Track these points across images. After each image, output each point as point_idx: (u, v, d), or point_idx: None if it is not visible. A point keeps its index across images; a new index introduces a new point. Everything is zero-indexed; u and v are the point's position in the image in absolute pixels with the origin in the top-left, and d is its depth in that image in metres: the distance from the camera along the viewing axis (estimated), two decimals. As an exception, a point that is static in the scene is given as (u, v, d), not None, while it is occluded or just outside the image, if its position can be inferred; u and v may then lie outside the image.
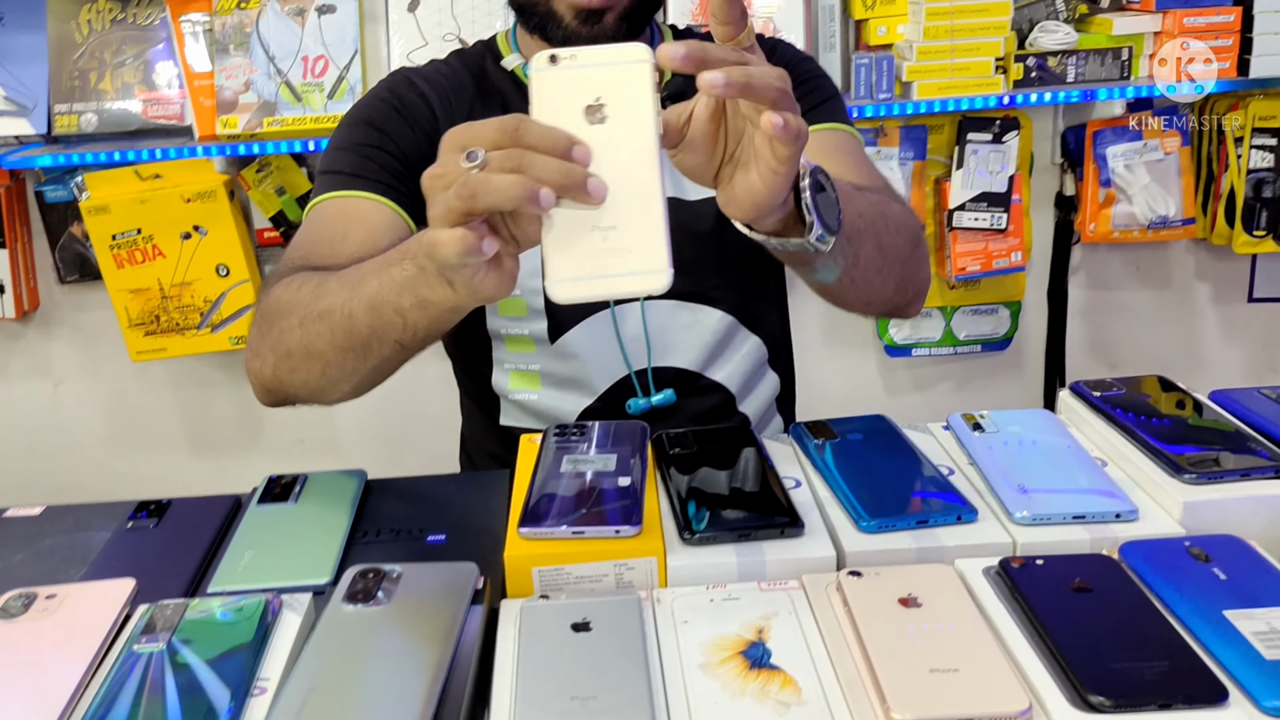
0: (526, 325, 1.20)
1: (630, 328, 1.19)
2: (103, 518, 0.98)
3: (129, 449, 2.30)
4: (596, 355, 1.19)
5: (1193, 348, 2.36)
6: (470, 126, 0.70)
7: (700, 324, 1.21)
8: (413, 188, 1.06)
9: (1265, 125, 2.03)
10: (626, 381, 1.21)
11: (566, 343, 1.20)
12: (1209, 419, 0.97)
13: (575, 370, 1.21)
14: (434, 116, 1.15)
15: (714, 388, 1.24)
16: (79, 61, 1.97)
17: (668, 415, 1.21)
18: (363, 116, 1.16)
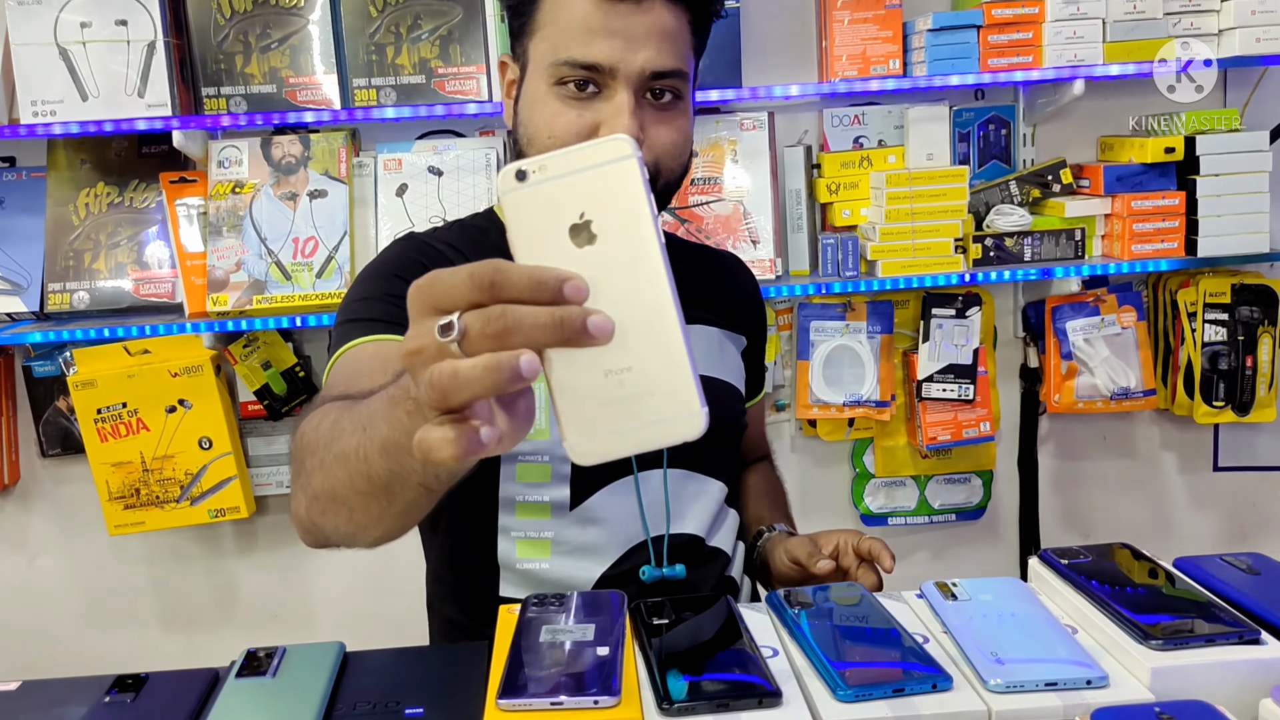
0: (547, 492, 1.18)
1: (650, 494, 1.21)
2: (80, 693, 0.97)
3: (103, 624, 2.27)
4: (617, 521, 1.20)
5: (1162, 516, 2.39)
6: (440, 280, 0.60)
7: (705, 494, 1.26)
8: None
9: (1216, 301, 2.12)
10: (639, 549, 1.21)
11: (587, 509, 1.19)
12: (1174, 586, 0.99)
13: (592, 537, 1.19)
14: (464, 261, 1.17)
15: (715, 554, 1.27)
16: (74, 242, 2.04)
17: (675, 588, 1.21)
18: (390, 270, 1.18)
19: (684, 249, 1.41)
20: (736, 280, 1.41)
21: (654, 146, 1.13)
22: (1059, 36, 1.94)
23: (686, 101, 1.16)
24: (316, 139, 2.01)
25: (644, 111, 1.12)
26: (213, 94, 1.94)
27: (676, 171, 1.18)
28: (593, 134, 1.11)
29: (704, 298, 1.31)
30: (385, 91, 1.95)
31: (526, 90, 1.16)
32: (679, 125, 1.15)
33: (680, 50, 1.12)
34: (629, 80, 1.10)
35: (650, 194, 0.59)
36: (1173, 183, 2.05)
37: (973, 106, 2.14)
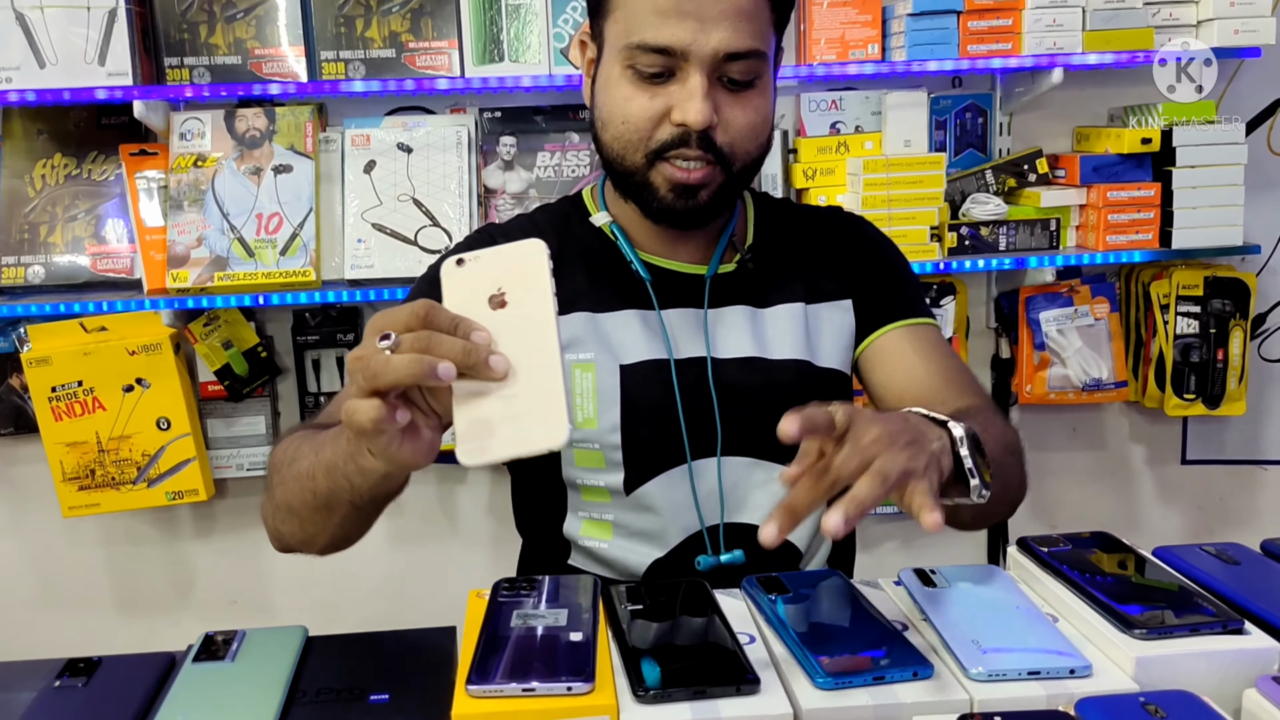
0: (603, 477, 1.20)
1: (706, 483, 1.19)
2: (28, 676, 0.94)
3: (56, 608, 2.22)
4: (672, 509, 1.19)
5: (1130, 509, 2.40)
6: (389, 312, 0.80)
7: (774, 481, 1.21)
8: None
9: (1188, 293, 2.12)
10: (698, 537, 1.20)
11: (642, 495, 1.20)
12: (1155, 575, 0.98)
13: (649, 523, 1.21)
14: None
15: (783, 545, 1.22)
16: (30, 215, 1.98)
17: (737, 573, 1.17)
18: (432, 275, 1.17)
19: (785, 220, 1.31)
20: (834, 238, 1.30)
21: (728, 129, 1.11)
22: (1039, 24, 1.93)
23: (766, 80, 1.14)
24: (282, 112, 1.96)
25: (718, 94, 1.10)
26: (175, 64, 1.89)
27: (753, 154, 1.15)
28: (664, 118, 1.11)
29: (796, 273, 1.25)
30: (354, 65, 1.90)
31: (602, 72, 1.15)
32: (755, 106, 1.13)
33: (757, 29, 1.10)
34: (702, 63, 1.08)
35: (552, 279, 0.79)
36: (1148, 174, 2.05)
37: (950, 94, 2.13)
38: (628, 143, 1.13)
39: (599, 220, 1.24)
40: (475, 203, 1.97)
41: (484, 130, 2.02)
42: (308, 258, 1.91)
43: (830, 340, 1.25)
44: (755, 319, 1.22)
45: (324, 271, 1.95)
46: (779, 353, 1.21)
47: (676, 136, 1.11)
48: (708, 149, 1.11)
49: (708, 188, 1.13)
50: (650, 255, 1.23)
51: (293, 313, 2.09)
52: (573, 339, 1.19)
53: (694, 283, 1.22)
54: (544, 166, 2.01)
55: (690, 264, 1.23)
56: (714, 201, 1.15)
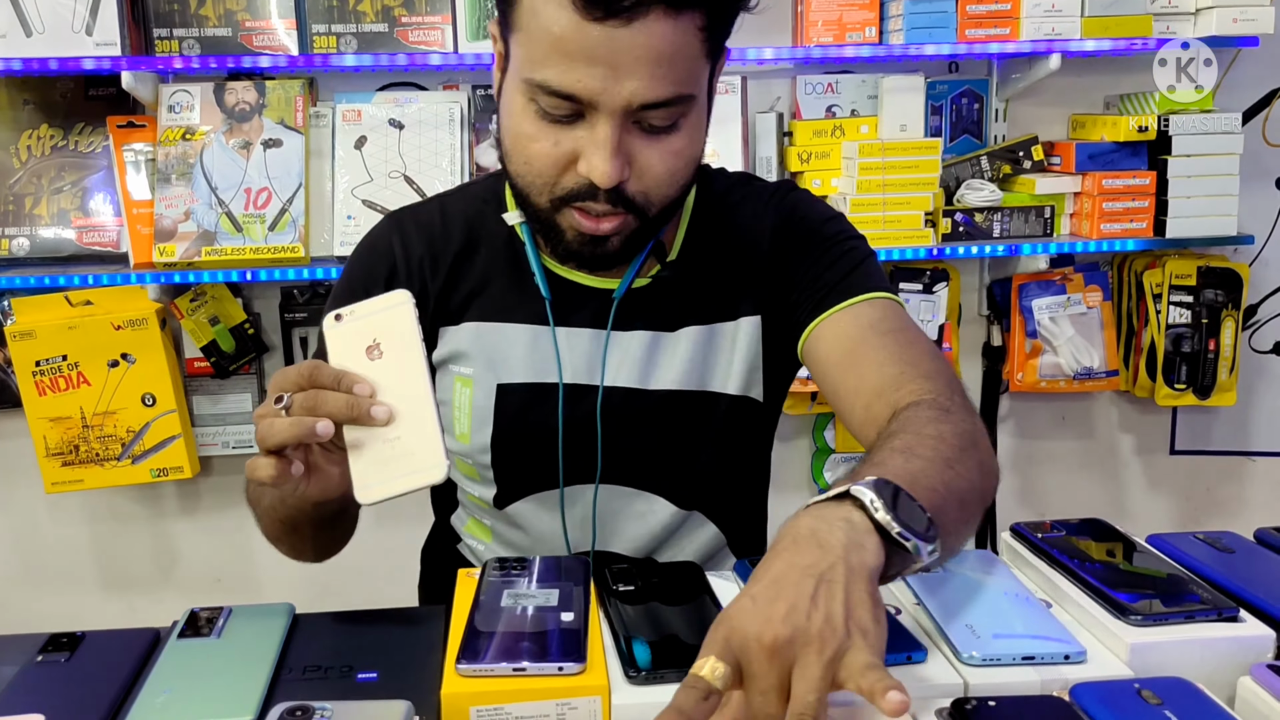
0: (477, 488, 1.18)
1: (580, 509, 1.15)
2: (10, 650, 0.92)
3: (38, 585, 2.20)
4: (540, 531, 1.16)
5: (1118, 498, 2.40)
6: (283, 372, 0.87)
7: (653, 514, 1.15)
8: None
9: (1181, 283, 2.12)
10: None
11: (513, 513, 1.16)
12: (1149, 563, 0.98)
13: (520, 539, 1.18)
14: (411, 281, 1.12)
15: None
16: (15, 186, 1.95)
17: None
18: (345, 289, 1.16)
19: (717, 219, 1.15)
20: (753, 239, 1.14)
21: (643, 178, 0.98)
22: (1037, 9, 1.92)
23: (693, 118, 0.99)
24: (272, 86, 1.94)
25: (632, 140, 0.96)
26: (165, 35, 1.86)
27: (673, 196, 1.01)
28: (570, 165, 0.97)
29: (710, 287, 1.13)
30: (346, 39, 1.88)
31: (507, 88, 1.00)
32: (676, 150, 0.98)
33: (682, 72, 0.94)
34: (613, 114, 0.93)
35: (418, 326, 0.87)
36: (1144, 162, 2.05)
37: (946, 79, 2.12)
38: (531, 184, 1.00)
39: (511, 219, 1.11)
40: (467, 180, 1.95)
41: (477, 107, 2.00)
42: (297, 233, 1.89)
43: (738, 363, 1.13)
44: (655, 344, 1.11)
45: (313, 248, 1.93)
46: (674, 383, 1.11)
47: (583, 188, 0.97)
48: (618, 202, 0.98)
49: (619, 235, 1.01)
50: (558, 266, 1.11)
51: (280, 289, 2.07)
52: (457, 352, 1.12)
53: (601, 300, 1.11)
54: (537, 145, 1.99)
55: (600, 279, 1.11)
56: (625, 247, 1.03)
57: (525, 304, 1.11)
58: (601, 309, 1.10)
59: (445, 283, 1.13)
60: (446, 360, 1.13)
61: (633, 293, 1.10)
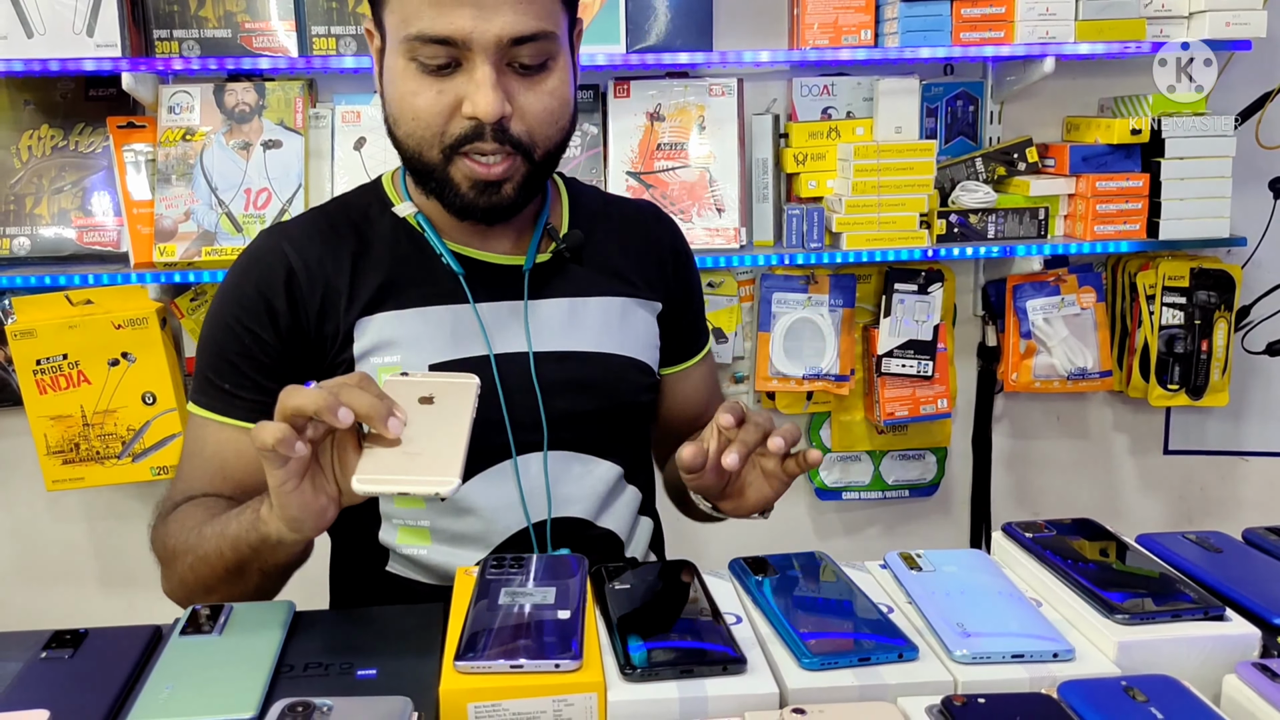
0: None
1: (530, 479, 1.16)
2: (13, 647, 0.93)
3: (38, 582, 2.21)
4: (493, 509, 1.15)
5: (1111, 497, 2.41)
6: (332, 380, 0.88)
7: (592, 475, 1.19)
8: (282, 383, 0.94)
9: (1174, 284, 2.14)
10: (523, 534, 1.17)
11: (461, 498, 1.15)
12: (1138, 562, 0.99)
13: (469, 526, 1.16)
14: (314, 280, 1.13)
15: (605, 535, 1.22)
16: (15, 186, 1.96)
17: None
18: (231, 317, 1.14)
19: (598, 210, 1.28)
20: (650, 239, 1.28)
21: (525, 117, 1.05)
22: (1031, 13, 1.93)
23: (561, 61, 1.08)
24: (272, 87, 1.95)
25: (509, 81, 1.04)
26: (165, 36, 1.87)
27: (555, 138, 1.10)
28: (455, 111, 1.04)
29: (610, 265, 1.23)
30: (345, 41, 1.89)
31: (387, 64, 1.08)
32: (551, 89, 1.07)
33: (543, 8, 1.03)
34: (486, 51, 1.01)
35: (474, 410, 0.90)
36: (1137, 164, 2.06)
37: (941, 81, 2.13)
38: (421, 139, 1.06)
39: (403, 211, 1.16)
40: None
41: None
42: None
43: (641, 335, 1.24)
44: (573, 310, 1.19)
45: (312, 248, 1.94)
46: (596, 345, 1.19)
47: (471, 130, 1.04)
48: (504, 140, 1.05)
49: (511, 180, 1.08)
50: (460, 246, 1.16)
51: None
52: (379, 342, 1.13)
53: (510, 274, 1.17)
54: (535, 146, 2.00)
55: (504, 255, 1.17)
56: (519, 194, 1.10)
57: (437, 286, 1.15)
58: (513, 282, 1.17)
59: (350, 278, 1.14)
60: (368, 352, 1.13)
61: (538, 267, 1.18)
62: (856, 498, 2.29)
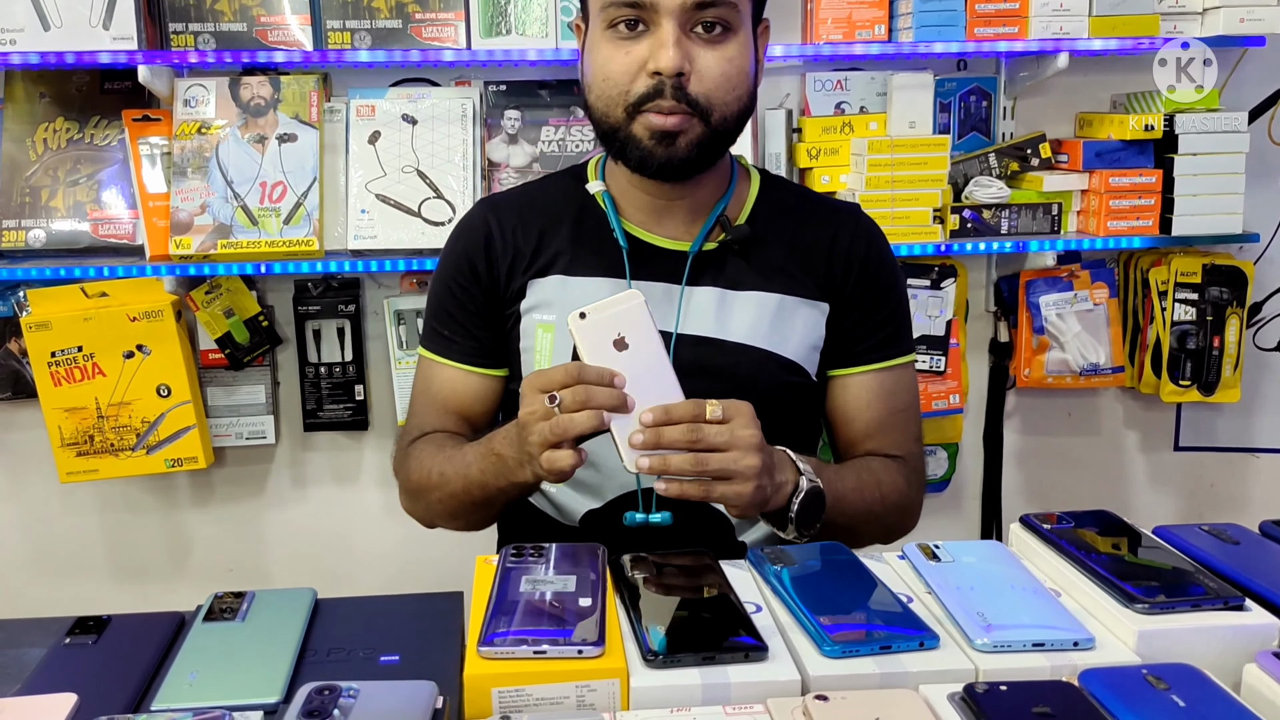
0: None
1: None
2: (37, 633, 0.94)
3: (51, 574, 2.22)
4: (611, 466, 1.21)
5: (1122, 493, 2.41)
6: (544, 373, 1.04)
7: None
8: (484, 325, 1.31)
9: (1187, 280, 2.13)
10: (634, 495, 1.23)
11: (589, 449, 1.19)
12: (1156, 553, 0.99)
13: (590, 476, 1.26)
14: (504, 256, 1.30)
15: (716, 516, 1.26)
16: (31, 178, 1.97)
17: (662, 534, 1.19)
18: (446, 277, 1.33)
19: (788, 206, 1.32)
20: (830, 241, 1.30)
21: (703, 79, 1.15)
22: (1045, 8, 1.93)
23: (740, 34, 1.18)
24: (287, 81, 1.96)
25: (691, 44, 1.15)
26: (180, 29, 1.88)
27: (731, 105, 1.18)
28: (640, 71, 1.15)
29: (776, 261, 1.27)
30: (360, 35, 1.89)
31: (589, 42, 1.21)
32: (729, 56, 1.16)
33: None
34: (670, 13, 1.13)
35: (653, 319, 1.03)
36: (1150, 161, 2.06)
37: (955, 76, 2.13)
38: (609, 99, 1.18)
39: (593, 188, 1.29)
40: (479, 176, 1.97)
41: (488, 103, 2.02)
42: (311, 227, 1.91)
43: (799, 334, 1.27)
44: (723, 301, 1.25)
45: (327, 241, 1.95)
46: (739, 337, 1.25)
47: (652, 87, 1.15)
48: (682, 99, 1.15)
49: (686, 135, 1.16)
50: (635, 227, 1.27)
51: (294, 282, 2.09)
52: (542, 301, 1.27)
53: (674, 258, 1.26)
54: (548, 141, 2.01)
55: (673, 239, 1.27)
56: (695, 154, 1.18)
57: (604, 260, 1.27)
58: (675, 267, 1.26)
59: (535, 245, 1.29)
60: (532, 309, 1.27)
61: (702, 254, 1.26)
62: (867, 493, 2.29)
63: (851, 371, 1.31)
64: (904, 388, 1.33)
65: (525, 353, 1.28)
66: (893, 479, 1.26)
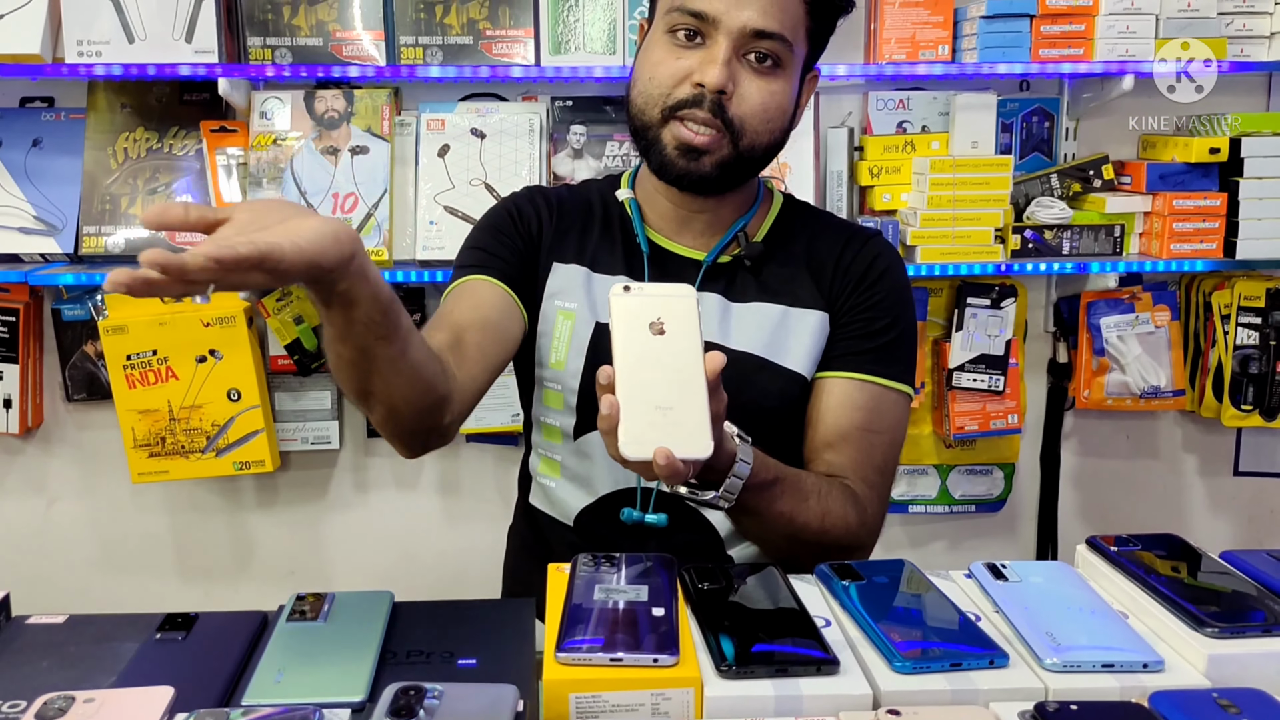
0: (559, 418, 1.30)
1: None
2: (127, 628, 0.97)
3: (118, 572, 2.27)
4: (608, 460, 1.21)
5: (1180, 518, 2.39)
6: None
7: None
8: (516, 270, 1.28)
9: (1250, 304, 2.12)
10: (630, 492, 1.26)
11: (585, 443, 1.28)
12: (1223, 577, 1.00)
13: (586, 469, 1.29)
14: (540, 224, 1.32)
15: (706, 526, 1.28)
16: (111, 186, 2.03)
17: (653, 536, 1.24)
18: (490, 222, 1.33)
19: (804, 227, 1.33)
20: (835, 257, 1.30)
21: (742, 102, 1.17)
22: (1111, 30, 1.93)
23: (788, 72, 1.20)
24: (360, 95, 2.00)
25: (740, 68, 1.17)
26: (258, 44, 1.93)
27: (762, 135, 1.20)
28: (685, 79, 1.17)
29: (782, 276, 1.29)
30: (431, 51, 1.94)
31: (647, 40, 1.24)
32: (773, 90, 1.19)
33: (787, 18, 1.17)
34: (729, 34, 1.15)
35: (699, 318, 0.95)
36: (1214, 184, 2.05)
37: (1017, 97, 2.13)
38: (649, 97, 1.20)
39: (622, 195, 1.33)
40: (544, 189, 2.00)
41: (555, 118, 2.05)
42: (381, 237, 1.95)
43: (802, 345, 1.27)
44: (725, 310, 1.27)
45: (396, 252, 1.99)
46: (741, 346, 1.25)
47: (691, 96, 1.17)
48: (717, 115, 1.17)
49: (712, 155, 1.19)
50: (657, 234, 1.30)
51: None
52: (563, 287, 1.29)
53: (689, 266, 1.28)
54: (612, 156, 2.04)
55: (691, 249, 1.29)
56: (716, 174, 1.20)
57: (626, 261, 1.29)
58: (688, 275, 1.27)
59: (562, 228, 1.32)
60: (554, 294, 1.29)
61: (716, 265, 1.28)
62: (923, 511, 2.29)
63: (831, 375, 1.27)
64: (884, 413, 1.27)
65: (543, 337, 1.29)
66: (842, 510, 1.19)
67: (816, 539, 1.17)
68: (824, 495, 1.18)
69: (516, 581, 1.45)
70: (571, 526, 1.32)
